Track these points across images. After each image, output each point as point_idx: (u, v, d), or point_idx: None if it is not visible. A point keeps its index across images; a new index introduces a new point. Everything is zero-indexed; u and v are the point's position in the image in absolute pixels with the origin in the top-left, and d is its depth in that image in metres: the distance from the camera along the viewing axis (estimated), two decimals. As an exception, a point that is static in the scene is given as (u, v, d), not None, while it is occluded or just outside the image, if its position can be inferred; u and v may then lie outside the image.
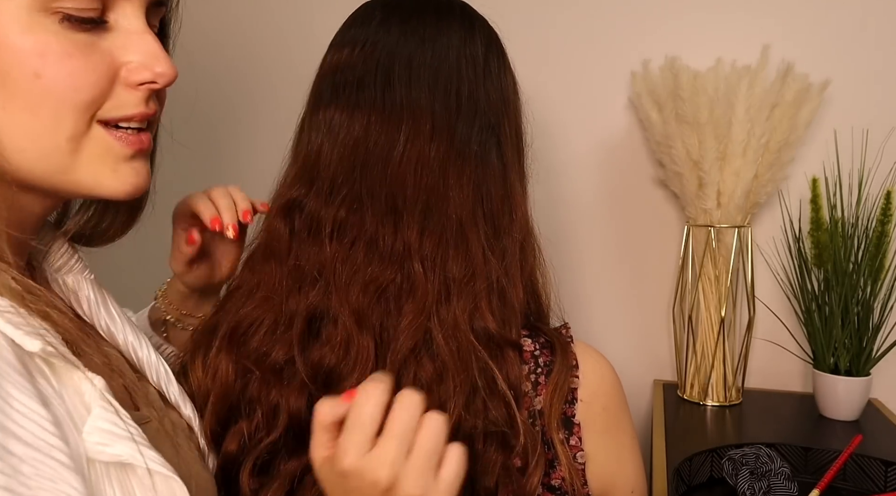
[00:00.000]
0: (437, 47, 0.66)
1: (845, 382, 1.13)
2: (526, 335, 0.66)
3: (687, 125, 1.15)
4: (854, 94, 1.22)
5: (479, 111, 0.66)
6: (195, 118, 1.19)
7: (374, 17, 0.68)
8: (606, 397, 0.66)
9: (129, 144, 0.50)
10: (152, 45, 0.50)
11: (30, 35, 0.44)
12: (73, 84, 0.46)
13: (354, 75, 0.66)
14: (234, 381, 0.65)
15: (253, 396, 0.64)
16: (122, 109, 0.49)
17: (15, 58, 0.44)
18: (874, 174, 1.21)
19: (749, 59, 1.17)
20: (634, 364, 1.35)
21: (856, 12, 1.21)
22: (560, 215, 1.34)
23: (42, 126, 0.46)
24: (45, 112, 0.46)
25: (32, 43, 0.44)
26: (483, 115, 0.66)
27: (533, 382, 0.63)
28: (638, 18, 1.28)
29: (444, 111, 0.65)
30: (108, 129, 0.49)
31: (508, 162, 0.68)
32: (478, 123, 0.66)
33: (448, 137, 0.64)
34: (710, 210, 1.18)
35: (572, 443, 0.63)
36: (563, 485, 0.62)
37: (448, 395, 0.60)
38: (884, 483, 0.96)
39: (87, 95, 0.47)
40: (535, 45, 1.31)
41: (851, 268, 1.14)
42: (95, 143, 0.49)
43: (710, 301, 1.21)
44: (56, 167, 0.48)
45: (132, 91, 0.50)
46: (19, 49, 0.44)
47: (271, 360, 0.64)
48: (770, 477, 0.89)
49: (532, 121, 0.73)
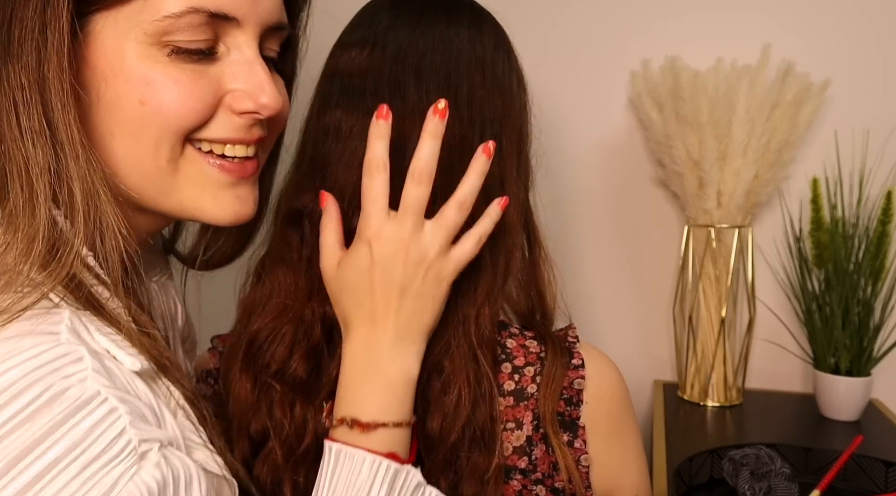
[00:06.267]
0: (447, 51, 0.64)
1: (846, 383, 1.13)
2: (531, 337, 0.66)
3: (687, 125, 1.15)
4: (855, 93, 1.22)
5: (485, 119, 0.65)
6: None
7: (383, 16, 0.67)
8: (611, 400, 0.65)
9: (229, 172, 0.52)
10: (260, 76, 0.51)
11: (140, 65, 0.47)
12: (175, 111, 0.48)
13: (363, 79, 0.64)
14: (255, 401, 0.64)
15: (277, 416, 0.63)
16: (219, 131, 0.51)
17: (125, 87, 0.47)
18: (875, 174, 1.21)
19: (749, 59, 1.17)
20: (635, 364, 1.34)
21: (856, 12, 1.21)
22: (560, 215, 1.33)
23: (144, 151, 0.48)
24: (147, 137, 0.48)
25: (142, 72, 0.47)
26: (490, 123, 0.65)
27: (538, 384, 0.63)
28: (638, 18, 1.28)
29: (453, 118, 0.64)
30: (206, 155, 0.51)
31: (507, 166, 0.67)
32: (481, 129, 0.65)
33: (458, 142, 0.64)
34: (711, 210, 1.18)
35: (577, 445, 0.63)
36: (566, 488, 0.62)
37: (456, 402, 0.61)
38: (884, 483, 0.96)
39: (187, 122, 0.49)
40: (535, 44, 1.31)
41: (852, 268, 1.13)
42: (190, 165, 0.50)
43: (711, 301, 1.21)
44: (159, 190, 0.50)
45: (235, 117, 0.51)
46: (129, 78, 0.47)
47: (292, 374, 0.63)
48: (771, 477, 0.89)
49: (532, 121, 0.72)
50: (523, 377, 0.64)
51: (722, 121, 1.13)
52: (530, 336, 0.66)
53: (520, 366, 0.64)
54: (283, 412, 0.63)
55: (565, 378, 0.63)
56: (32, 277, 0.44)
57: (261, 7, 0.50)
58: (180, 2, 0.46)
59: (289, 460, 0.63)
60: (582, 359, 0.64)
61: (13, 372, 0.39)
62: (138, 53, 0.47)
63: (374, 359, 0.56)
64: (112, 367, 0.44)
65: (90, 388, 0.41)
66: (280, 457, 0.63)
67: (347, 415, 0.55)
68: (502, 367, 0.64)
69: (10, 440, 0.38)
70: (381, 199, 0.57)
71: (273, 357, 0.64)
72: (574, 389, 0.63)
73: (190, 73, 0.48)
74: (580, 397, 0.63)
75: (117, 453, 0.40)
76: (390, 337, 0.56)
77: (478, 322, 0.62)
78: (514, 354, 0.65)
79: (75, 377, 0.41)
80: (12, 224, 0.44)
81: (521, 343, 0.66)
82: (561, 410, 0.63)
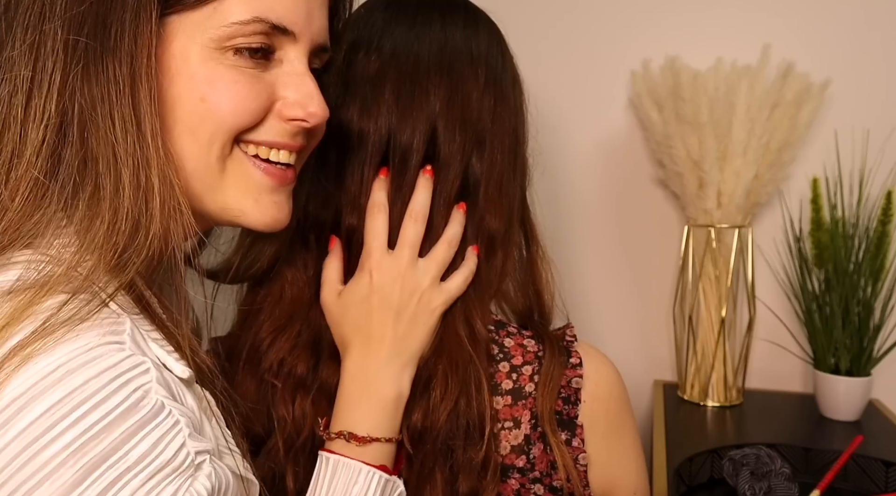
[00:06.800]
0: (442, 51, 0.65)
1: (846, 383, 1.13)
2: (529, 336, 0.66)
3: (687, 125, 1.15)
4: (855, 93, 1.22)
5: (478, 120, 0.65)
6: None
7: (377, 16, 0.67)
8: (609, 399, 0.65)
9: (272, 176, 0.55)
10: (310, 87, 0.55)
11: (203, 66, 0.50)
12: (233, 109, 0.51)
13: (358, 80, 0.65)
14: (258, 402, 0.66)
15: (280, 412, 0.65)
16: (267, 135, 0.54)
17: (188, 85, 0.50)
18: (875, 174, 1.21)
19: (749, 59, 1.17)
20: (635, 364, 1.34)
21: (857, 12, 1.21)
22: (560, 215, 1.33)
23: (199, 147, 0.51)
24: (203, 132, 0.51)
25: (204, 72, 0.50)
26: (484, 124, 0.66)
27: (536, 383, 0.63)
28: (638, 18, 1.28)
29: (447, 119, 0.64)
30: (252, 159, 0.54)
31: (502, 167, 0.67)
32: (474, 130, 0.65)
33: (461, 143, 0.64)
34: (711, 210, 1.18)
35: (574, 444, 0.63)
36: (564, 487, 0.62)
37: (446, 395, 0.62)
38: (884, 483, 0.96)
39: (242, 120, 0.52)
40: (535, 44, 1.31)
41: (852, 268, 1.13)
42: (236, 165, 0.54)
43: (711, 301, 1.21)
44: (207, 186, 0.53)
45: (283, 123, 0.55)
46: (192, 76, 0.50)
47: (293, 372, 0.65)
48: (770, 477, 0.89)
49: (532, 120, 0.72)
50: (521, 376, 0.64)
51: (722, 121, 1.13)
52: (528, 335, 0.66)
53: (518, 365, 0.64)
54: (285, 408, 0.65)
55: (563, 377, 0.63)
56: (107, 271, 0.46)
57: (315, 26, 0.55)
58: (247, 11, 0.50)
59: (289, 452, 0.64)
60: (580, 358, 0.65)
61: (95, 381, 0.41)
62: (202, 56, 0.50)
63: (370, 379, 0.61)
64: (167, 377, 0.47)
65: (157, 400, 0.43)
66: (282, 451, 0.64)
67: (345, 430, 0.60)
68: (500, 366, 0.64)
69: (91, 446, 0.40)
70: (382, 236, 0.63)
71: (276, 359, 0.65)
72: (572, 388, 0.63)
73: (248, 77, 0.52)
74: (578, 396, 0.63)
75: (179, 464, 0.43)
76: (385, 357, 0.61)
77: (470, 319, 0.64)
78: (512, 353, 0.65)
79: (144, 388, 0.43)
80: (93, 209, 0.47)
81: (519, 342, 0.66)
82: (559, 409, 0.63)
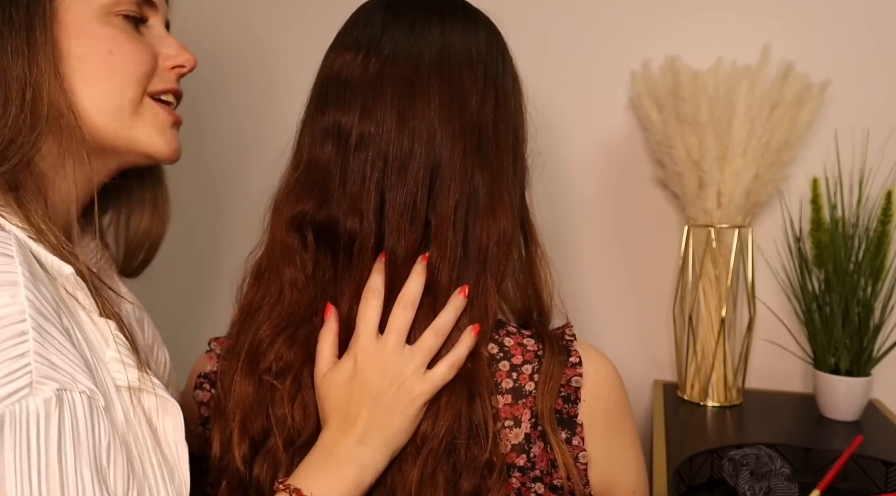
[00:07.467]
0: (442, 53, 0.65)
1: (846, 383, 1.13)
2: (529, 335, 0.66)
3: (687, 125, 1.15)
4: (855, 93, 1.22)
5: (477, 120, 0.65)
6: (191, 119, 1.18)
7: (377, 18, 0.67)
8: (609, 397, 0.65)
9: (170, 115, 0.69)
10: (177, 42, 0.70)
11: (104, 27, 0.63)
12: (135, 59, 0.65)
13: (359, 82, 0.64)
14: (257, 402, 0.66)
15: (281, 412, 0.65)
16: (163, 83, 0.68)
17: (94, 42, 0.63)
18: (875, 174, 1.21)
19: (749, 59, 1.17)
20: (634, 364, 1.34)
21: (857, 12, 1.21)
22: (560, 215, 1.33)
23: (113, 90, 0.64)
24: (116, 79, 0.64)
25: (107, 31, 0.63)
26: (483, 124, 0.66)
27: (536, 382, 0.63)
28: (638, 18, 1.28)
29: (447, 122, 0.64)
30: (156, 102, 0.68)
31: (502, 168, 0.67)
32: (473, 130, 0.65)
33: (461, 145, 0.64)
34: (711, 210, 1.18)
35: (574, 443, 0.63)
36: (565, 486, 0.62)
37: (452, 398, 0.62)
38: (884, 484, 0.96)
39: (144, 68, 0.66)
40: (536, 45, 1.31)
41: (852, 268, 1.13)
42: (147, 109, 0.67)
43: (711, 301, 1.21)
44: (120, 124, 0.65)
45: (168, 72, 0.69)
46: (97, 35, 0.63)
47: (294, 372, 0.65)
48: (770, 477, 0.89)
49: (532, 121, 0.72)
50: (521, 375, 0.64)
51: (722, 121, 1.13)
52: (528, 334, 0.66)
53: (517, 364, 0.64)
54: (286, 408, 0.65)
55: (563, 376, 0.63)
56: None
57: (164, 3, 0.71)
58: None
59: (289, 451, 0.64)
60: (579, 357, 0.65)
61: None
62: (98, 19, 0.63)
63: (336, 453, 0.61)
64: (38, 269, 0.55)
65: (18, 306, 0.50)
66: (281, 451, 0.64)
67: (293, 484, 0.60)
68: (500, 365, 0.64)
69: None
70: (373, 321, 0.63)
71: (276, 360, 0.65)
72: (572, 387, 0.63)
73: (137, 37, 0.66)
74: (578, 395, 0.63)
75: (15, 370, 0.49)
76: (355, 438, 0.61)
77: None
78: (512, 352, 0.65)
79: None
80: None
81: (518, 341, 0.66)
82: (559, 408, 0.63)
